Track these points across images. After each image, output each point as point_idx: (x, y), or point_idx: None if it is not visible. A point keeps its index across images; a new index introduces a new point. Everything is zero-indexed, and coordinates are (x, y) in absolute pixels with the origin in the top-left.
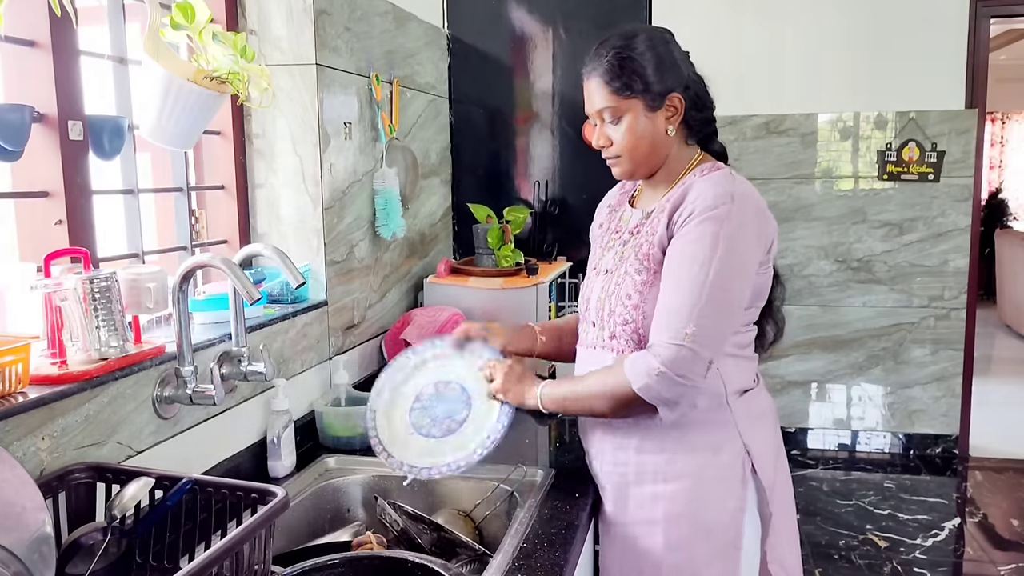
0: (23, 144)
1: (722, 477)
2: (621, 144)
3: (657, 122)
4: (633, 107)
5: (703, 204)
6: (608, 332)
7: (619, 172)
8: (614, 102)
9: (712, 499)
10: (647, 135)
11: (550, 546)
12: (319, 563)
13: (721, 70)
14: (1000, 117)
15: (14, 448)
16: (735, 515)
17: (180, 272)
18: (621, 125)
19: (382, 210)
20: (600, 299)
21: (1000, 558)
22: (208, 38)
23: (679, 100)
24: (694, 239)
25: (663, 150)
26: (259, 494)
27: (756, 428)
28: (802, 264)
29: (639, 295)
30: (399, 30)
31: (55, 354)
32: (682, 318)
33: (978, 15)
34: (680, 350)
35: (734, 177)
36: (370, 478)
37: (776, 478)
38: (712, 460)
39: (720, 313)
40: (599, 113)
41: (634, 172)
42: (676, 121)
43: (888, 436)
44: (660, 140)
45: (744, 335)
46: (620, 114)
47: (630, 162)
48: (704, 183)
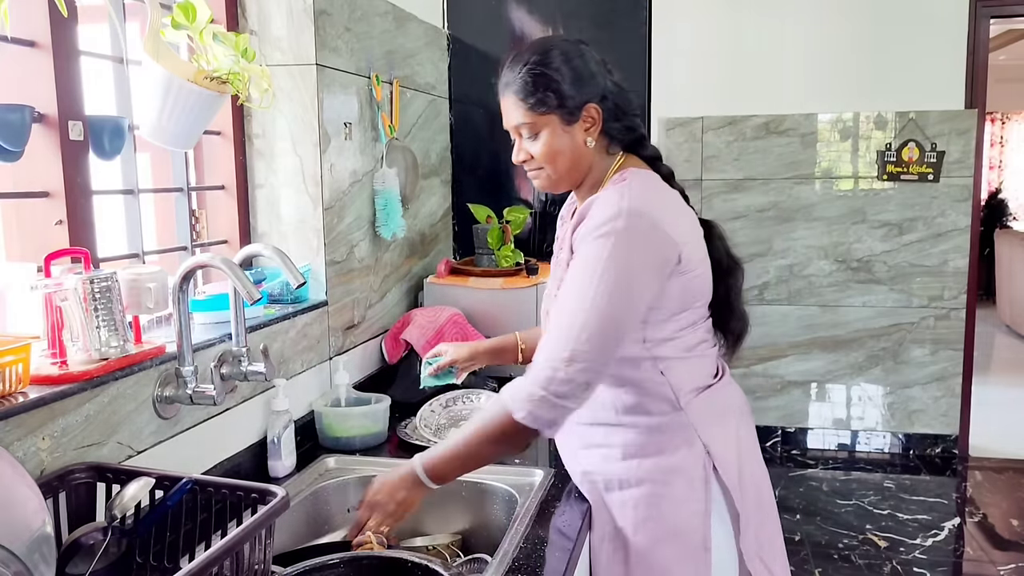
0: (23, 144)
1: (684, 479)
2: (541, 159)
3: (575, 135)
4: (549, 122)
5: (593, 223)
6: None
7: (540, 185)
8: (530, 118)
9: (675, 501)
10: (566, 149)
11: (550, 546)
12: (319, 563)
13: (721, 70)
14: (1000, 117)
15: (14, 448)
16: (701, 516)
17: (180, 272)
18: (539, 140)
19: (382, 210)
20: (547, 311)
21: (1000, 558)
22: (208, 38)
23: (596, 111)
24: (581, 259)
25: (584, 161)
26: (259, 494)
27: (717, 426)
28: (802, 264)
29: None
30: (399, 30)
31: (55, 354)
32: (560, 342)
33: (978, 15)
34: (556, 373)
35: (629, 191)
36: (370, 478)
37: (743, 474)
38: (672, 463)
39: (601, 335)
40: (516, 129)
41: (557, 184)
42: (595, 132)
43: (888, 436)
44: (580, 152)
45: (687, 337)
46: (537, 130)
47: (552, 175)
48: (599, 201)
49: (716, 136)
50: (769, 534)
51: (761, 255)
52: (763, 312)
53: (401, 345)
